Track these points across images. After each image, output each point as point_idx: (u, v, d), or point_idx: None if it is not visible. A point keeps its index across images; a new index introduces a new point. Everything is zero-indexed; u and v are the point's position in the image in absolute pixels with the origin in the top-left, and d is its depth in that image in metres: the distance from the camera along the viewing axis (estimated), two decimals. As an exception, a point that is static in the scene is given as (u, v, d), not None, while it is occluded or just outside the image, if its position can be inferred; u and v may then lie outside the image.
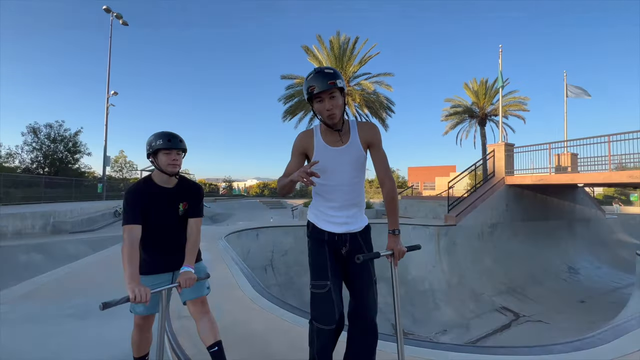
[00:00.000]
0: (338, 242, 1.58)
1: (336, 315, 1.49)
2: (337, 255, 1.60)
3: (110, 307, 1.24)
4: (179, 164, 1.74)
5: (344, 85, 1.46)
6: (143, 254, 1.74)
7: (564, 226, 11.90)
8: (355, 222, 1.59)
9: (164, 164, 1.70)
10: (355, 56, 17.32)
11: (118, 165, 29.11)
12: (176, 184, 1.80)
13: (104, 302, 1.23)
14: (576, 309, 7.84)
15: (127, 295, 1.38)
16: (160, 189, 1.75)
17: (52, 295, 3.55)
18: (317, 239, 1.61)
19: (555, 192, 11.82)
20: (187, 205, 1.80)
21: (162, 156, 1.70)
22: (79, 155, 21.15)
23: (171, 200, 1.77)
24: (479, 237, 9.83)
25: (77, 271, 4.63)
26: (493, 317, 7.45)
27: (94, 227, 12.35)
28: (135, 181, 1.84)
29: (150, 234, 1.70)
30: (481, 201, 10.29)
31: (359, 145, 1.55)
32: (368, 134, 1.56)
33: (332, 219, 1.58)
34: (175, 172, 1.74)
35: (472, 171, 11.96)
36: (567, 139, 11.30)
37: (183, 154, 1.79)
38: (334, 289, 1.51)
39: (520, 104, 22.23)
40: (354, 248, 1.60)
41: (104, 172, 19.32)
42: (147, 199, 1.69)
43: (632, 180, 8.75)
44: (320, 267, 1.56)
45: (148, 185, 1.75)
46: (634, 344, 2.28)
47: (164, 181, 1.76)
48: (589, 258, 11.39)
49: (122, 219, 1.64)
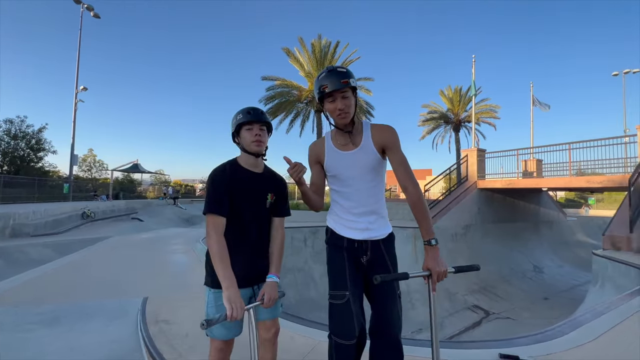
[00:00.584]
0: (358, 250, 1.45)
1: (356, 329, 1.36)
2: (357, 263, 1.46)
3: (213, 325, 1.11)
4: (264, 141, 1.47)
5: (356, 84, 1.40)
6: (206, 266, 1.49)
7: (530, 228, 12.65)
8: (377, 229, 1.46)
9: (247, 141, 1.45)
10: (337, 60, 17.55)
11: (86, 164, 27.64)
12: (264, 169, 1.54)
13: (206, 319, 1.10)
14: (540, 306, 8.36)
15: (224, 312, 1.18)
16: (249, 173, 1.48)
17: (17, 302, 3.34)
18: (336, 246, 1.49)
19: (523, 196, 12.56)
20: (275, 198, 1.52)
21: (244, 133, 1.46)
22: (42, 153, 19.88)
23: (260, 187, 1.49)
24: (453, 238, 10.25)
25: (43, 276, 4.37)
26: (465, 315, 7.78)
27: (59, 230, 11.64)
28: (219, 165, 1.50)
29: (232, 229, 1.41)
30: (455, 204, 10.74)
31: (372, 147, 1.43)
32: (382, 135, 1.44)
33: (352, 224, 1.46)
34: (260, 151, 1.47)
35: (447, 175, 12.47)
36: (533, 146, 12.05)
37: (268, 131, 1.52)
38: (353, 300, 1.38)
39: (492, 111, 23.43)
40: (376, 257, 1.46)
41: (71, 172, 18.29)
42: (234, 182, 1.42)
43: (589, 185, 9.48)
44: (338, 276, 1.43)
45: (235, 168, 1.47)
46: (588, 335, 2.49)
47: (250, 164, 1.49)
48: (553, 258, 12.16)
49: (205, 206, 1.37)
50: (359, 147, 1.44)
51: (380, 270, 1.43)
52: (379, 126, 1.47)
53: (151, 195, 29.53)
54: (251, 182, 1.48)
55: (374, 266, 1.44)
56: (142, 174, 29.25)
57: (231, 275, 1.29)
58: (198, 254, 5.85)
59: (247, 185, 1.46)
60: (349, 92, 1.38)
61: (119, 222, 15.47)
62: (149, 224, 15.72)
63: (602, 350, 2.26)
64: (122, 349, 2.38)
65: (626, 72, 19.75)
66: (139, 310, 3.01)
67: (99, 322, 2.84)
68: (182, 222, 18.98)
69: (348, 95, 1.38)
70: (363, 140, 1.44)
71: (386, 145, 1.43)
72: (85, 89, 17.96)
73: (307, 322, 2.70)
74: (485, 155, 12.18)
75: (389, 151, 1.44)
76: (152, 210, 19.86)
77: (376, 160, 1.44)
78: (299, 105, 18.48)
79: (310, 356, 2.14)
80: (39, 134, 19.30)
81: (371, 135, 1.45)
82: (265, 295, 1.34)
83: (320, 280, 8.09)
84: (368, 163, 1.43)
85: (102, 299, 3.47)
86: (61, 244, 9.18)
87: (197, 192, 36.79)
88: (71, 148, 17.57)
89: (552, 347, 2.29)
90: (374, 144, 1.43)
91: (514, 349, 2.23)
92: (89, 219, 13.82)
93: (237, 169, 1.48)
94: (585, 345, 2.33)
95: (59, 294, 3.65)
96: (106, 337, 2.57)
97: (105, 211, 15.73)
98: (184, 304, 3.21)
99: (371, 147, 1.43)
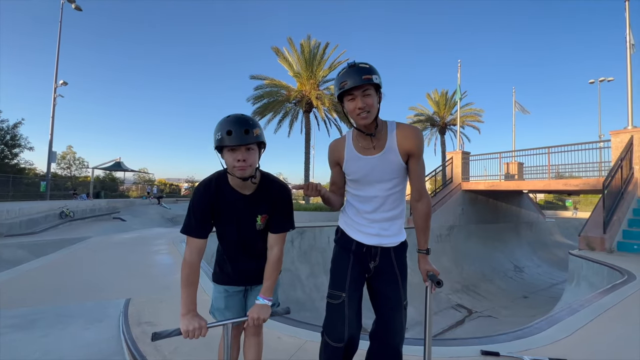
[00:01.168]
0: (366, 255, 1.39)
1: (345, 333, 1.33)
2: (363, 268, 1.41)
3: (161, 338, 1.08)
4: (249, 165, 1.22)
5: (380, 82, 1.25)
6: (214, 264, 1.55)
7: (511, 229, 13.06)
8: (390, 236, 1.39)
9: (229, 165, 1.23)
10: (325, 61, 17.61)
11: (65, 162, 26.59)
12: (255, 189, 1.35)
13: (154, 332, 1.08)
14: (520, 304, 8.64)
15: (178, 327, 1.17)
16: (235, 195, 1.33)
17: (-13, 305, 3.19)
18: (343, 247, 1.45)
19: (504, 198, 12.95)
20: (267, 219, 1.39)
21: (226, 154, 1.23)
22: (18, 149, 19.03)
23: (247, 212, 1.36)
24: (438, 239, 10.45)
25: (17, 278, 4.19)
26: (449, 314, 7.96)
27: (35, 230, 11.17)
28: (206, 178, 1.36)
29: (222, 245, 1.45)
30: (440, 205, 10.96)
31: (396, 153, 1.31)
32: (409, 141, 1.30)
33: (364, 228, 1.40)
34: (244, 175, 1.24)
35: (432, 177, 12.71)
36: (515, 150, 12.45)
37: (258, 148, 1.27)
38: (349, 304, 1.35)
39: (476, 115, 24.08)
40: (384, 265, 1.39)
41: (49, 169, 17.57)
42: (218, 200, 1.31)
43: (567, 187, 9.88)
44: (338, 276, 1.40)
45: (220, 187, 1.32)
46: (564, 331, 2.61)
47: (238, 185, 1.32)
48: (532, 257, 12.60)
49: (183, 225, 1.31)
50: (382, 151, 1.32)
51: (386, 279, 1.39)
52: (406, 129, 1.33)
53: (134, 195, 28.74)
54: (236, 205, 1.34)
55: (380, 274, 1.40)
56: (125, 172, 28.42)
57: (189, 302, 1.26)
58: (182, 254, 5.74)
59: (231, 208, 1.33)
60: (371, 90, 1.23)
61: (100, 222, 14.98)
62: (131, 223, 15.29)
63: (577, 345, 2.37)
64: (103, 352, 2.31)
65: (601, 80, 20.70)
66: (121, 312, 2.93)
67: (77, 324, 2.74)
68: (166, 222, 18.56)
69: (370, 93, 1.23)
70: (387, 144, 1.31)
71: (412, 152, 1.31)
72: (65, 84, 17.32)
73: (294, 322, 2.70)
74: (469, 157, 12.50)
75: (413, 158, 1.32)
76: (135, 209, 19.33)
77: (400, 166, 1.33)
78: (287, 105, 18.41)
79: (297, 355, 2.14)
80: (14, 129, 18.48)
81: (397, 139, 1.31)
82: (249, 317, 1.27)
83: (306, 280, 8.08)
84: (391, 169, 1.32)
85: (82, 301, 3.35)
86: (37, 244, 8.81)
87: (182, 191, 36.09)
88: (49, 144, 16.89)
89: (531, 343, 2.38)
90: (399, 149, 1.31)
91: (495, 346, 2.31)
92: (67, 219, 13.31)
93: (223, 187, 1.33)
94: (562, 340, 2.44)
95: (35, 296, 3.50)
96: (85, 340, 2.48)
97: (85, 210, 15.20)
98: (168, 305, 3.15)
99: (395, 153, 1.31)
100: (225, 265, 1.47)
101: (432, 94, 25.35)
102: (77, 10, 17.35)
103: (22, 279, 4.14)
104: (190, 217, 1.30)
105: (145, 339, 2.37)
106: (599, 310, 3.09)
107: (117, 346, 2.39)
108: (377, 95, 1.27)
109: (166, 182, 36.52)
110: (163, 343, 2.32)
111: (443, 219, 10.82)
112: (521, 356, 2.12)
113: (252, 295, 1.51)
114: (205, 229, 1.31)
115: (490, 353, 2.18)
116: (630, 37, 8.90)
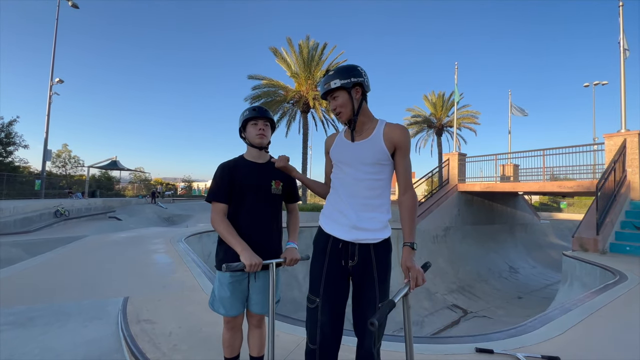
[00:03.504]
0: (342, 253, 1.37)
1: (317, 337, 1.32)
2: (340, 268, 1.37)
3: (230, 270, 1.39)
4: (266, 135, 1.69)
5: (346, 83, 1.36)
6: (217, 252, 1.70)
7: (506, 230, 13.18)
8: (369, 231, 1.35)
9: (252, 135, 1.66)
10: (324, 62, 17.64)
11: (61, 160, 26.31)
12: (268, 160, 1.73)
13: (225, 263, 1.38)
14: (515, 305, 8.72)
15: (241, 262, 1.42)
16: (252, 164, 1.69)
17: (-16, 303, 3.18)
18: (319, 248, 1.44)
19: (500, 199, 13.07)
20: (280, 185, 1.70)
21: (249, 128, 1.67)
22: (12, 147, 18.82)
23: (262, 176, 1.67)
24: (434, 239, 10.53)
25: (13, 276, 4.16)
26: (445, 314, 8.02)
27: (30, 229, 11.09)
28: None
29: (239, 214, 1.61)
30: (436, 206, 11.04)
31: (380, 141, 1.37)
32: (395, 133, 1.37)
33: (341, 218, 1.38)
34: (263, 143, 1.68)
35: (428, 178, 12.80)
36: (511, 152, 12.57)
37: (271, 128, 1.74)
38: (322, 309, 1.34)
39: (472, 117, 24.24)
40: (363, 265, 1.34)
41: (44, 168, 17.44)
42: (236, 172, 1.63)
43: (561, 189, 10.00)
44: (313, 280, 1.40)
45: (237, 162, 1.69)
46: (556, 330, 2.66)
47: (254, 157, 1.70)
48: (527, 259, 12.72)
49: (207, 194, 1.63)
50: (366, 139, 1.41)
51: (363, 280, 1.35)
52: (394, 125, 1.41)
53: (130, 194, 28.55)
54: (253, 172, 1.66)
55: (358, 274, 1.35)
56: (121, 171, 28.23)
57: (241, 242, 1.51)
58: (180, 254, 5.73)
59: (248, 175, 1.65)
60: (337, 93, 1.40)
61: (96, 220, 14.89)
62: (127, 223, 15.23)
63: (569, 343, 2.42)
64: (101, 349, 2.32)
65: (596, 84, 20.96)
66: (120, 310, 2.93)
67: (76, 322, 2.74)
68: (162, 222, 18.49)
69: (336, 96, 1.40)
70: (373, 134, 1.40)
71: (398, 145, 1.37)
72: (61, 82, 17.21)
73: (292, 320, 2.73)
74: (465, 159, 12.60)
75: (399, 151, 1.38)
76: (131, 209, 19.23)
77: (382, 153, 1.37)
78: (285, 106, 18.42)
79: (295, 352, 2.17)
80: (9, 127, 18.29)
81: (383, 131, 1.39)
82: (287, 257, 1.58)
83: (303, 280, 8.10)
84: (373, 152, 1.37)
85: (80, 299, 3.35)
86: (32, 243, 8.75)
87: (178, 191, 35.91)
88: (44, 142, 16.77)
89: (525, 341, 2.43)
90: (384, 138, 1.37)
91: (489, 344, 2.35)
92: (62, 218, 13.23)
93: (240, 161, 1.69)
94: (555, 338, 2.49)
95: (32, 294, 3.49)
96: (84, 337, 2.49)
97: (81, 209, 15.11)
98: (167, 304, 3.16)
99: (380, 140, 1.37)
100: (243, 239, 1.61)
101: (429, 96, 25.48)
102: (74, 8, 17.26)
103: (18, 277, 4.13)
104: (214, 187, 1.62)
105: (144, 337, 2.38)
106: (591, 310, 3.16)
107: (116, 343, 2.39)
108: (349, 94, 1.38)
109: (162, 182, 36.32)
110: (162, 340, 2.34)
111: (439, 220, 10.90)
112: (515, 353, 2.17)
113: (254, 287, 1.63)
114: (226, 196, 1.61)
115: (484, 350, 2.22)
116: (623, 41, 9.03)
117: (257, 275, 1.63)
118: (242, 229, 1.59)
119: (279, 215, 1.74)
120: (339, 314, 1.37)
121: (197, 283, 3.92)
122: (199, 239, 7.85)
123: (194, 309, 3.00)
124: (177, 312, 2.94)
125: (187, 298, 3.36)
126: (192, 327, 2.59)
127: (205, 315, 2.80)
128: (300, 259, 1.62)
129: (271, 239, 1.67)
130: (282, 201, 1.78)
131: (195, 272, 4.40)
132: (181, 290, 3.65)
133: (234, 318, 1.65)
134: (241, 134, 1.74)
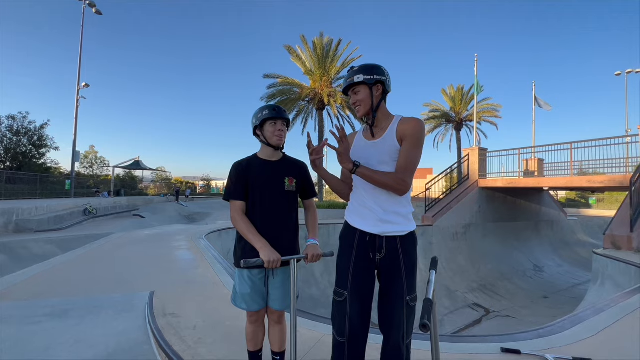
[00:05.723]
0: (370, 245, 1.39)
1: (346, 330, 1.35)
2: (368, 261, 1.40)
3: (249, 266, 1.46)
4: (284, 136, 1.68)
5: (369, 79, 1.40)
6: (235, 249, 1.73)
7: (530, 227, 12.69)
8: (395, 224, 1.38)
9: (270, 134, 1.65)
10: (338, 58, 17.55)
11: (88, 161, 27.68)
12: (281, 158, 1.74)
13: (244, 259, 1.46)
14: (540, 304, 8.41)
15: (260, 258, 1.46)
16: (265, 162, 1.69)
17: (25, 296, 3.39)
18: (346, 242, 1.46)
19: (523, 195, 12.58)
20: (294, 182, 1.71)
21: (268, 127, 1.65)
22: (45, 149, 19.93)
23: (275, 173, 1.68)
24: (454, 237, 10.29)
25: (48, 271, 4.42)
26: (466, 313, 7.83)
27: (61, 226, 11.70)
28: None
29: (254, 211, 1.64)
30: (456, 203, 10.77)
31: (393, 138, 1.40)
32: (404, 126, 1.39)
33: (367, 213, 1.41)
34: (280, 143, 1.68)
35: (448, 174, 12.49)
36: (535, 145, 12.05)
37: (287, 128, 1.73)
38: (350, 302, 1.36)
39: (493, 110, 23.42)
40: (390, 257, 1.37)
41: (73, 168, 18.33)
42: (250, 171, 1.65)
43: (590, 184, 9.51)
44: (341, 274, 1.43)
45: (250, 161, 1.70)
46: (588, 331, 2.54)
47: (268, 155, 1.71)
48: (553, 257, 12.21)
49: (224, 193, 1.68)
50: (381, 138, 1.44)
51: (391, 273, 1.36)
52: (407, 119, 1.43)
53: (152, 192, 29.59)
54: (266, 169, 1.68)
55: (386, 267, 1.38)
56: (143, 170, 29.31)
57: (261, 239, 1.54)
58: (202, 250, 5.89)
59: (262, 173, 1.66)
60: (358, 88, 1.44)
61: (121, 218, 15.53)
62: (150, 220, 15.78)
63: (602, 345, 2.31)
64: (131, 341, 2.42)
65: (629, 72, 19.73)
66: (147, 304, 3.05)
67: (107, 315, 2.88)
68: (183, 219, 19.04)
69: (358, 91, 1.44)
70: (387, 132, 1.43)
71: (404, 136, 1.37)
72: (87, 86, 17.98)
73: (312, 316, 2.75)
74: (486, 154, 12.20)
75: (404, 141, 1.37)
76: (154, 207, 19.92)
77: (396, 150, 1.39)
78: (300, 104, 18.47)
79: (316, 348, 2.18)
80: (41, 130, 19.37)
81: (397, 127, 1.41)
82: (309, 253, 1.57)
83: (321, 277, 8.14)
84: (389, 152, 1.39)
85: (110, 293, 3.51)
86: (64, 239, 9.24)
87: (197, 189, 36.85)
88: (73, 144, 17.61)
89: (554, 342, 2.33)
90: (397, 135, 1.39)
91: (516, 344, 2.28)
92: (90, 216, 13.88)
93: (254, 160, 1.71)
94: (586, 340, 2.38)
95: (67, 288, 3.69)
96: (115, 329, 2.61)
97: (107, 208, 15.79)
98: (191, 298, 3.26)
99: (393, 137, 1.40)
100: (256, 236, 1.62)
101: (448, 90, 24.81)
102: (98, 15, 17.96)
103: (53, 272, 4.37)
104: (230, 185, 1.66)
105: (170, 330, 2.47)
106: (627, 311, 2.99)
107: (145, 336, 2.49)
108: (370, 90, 1.42)
109: (182, 181, 37.38)
110: (187, 334, 2.42)
111: (459, 216, 10.63)
112: (544, 354, 2.09)
113: (273, 284, 1.66)
114: (242, 193, 1.64)
115: (511, 351, 2.16)
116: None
117: (275, 272, 1.65)
118: (257, 226, 1.60)
119: (294, 212, 1.74)
120: (367, 306, 1.39)
121: (218, 279, 4.02)
122: (218, 236, 8.04)
123: (217, 305, 3.08)
124: (200, 306, 3.02)
125: (209, 293, 3.46)
126: (216, 321, 2.66)
127: (228, 311, 2.87)
128: (324, 255, 1.60)
129: (286, 235, 1.67)
130: (298, 197, 1.77)
131: (217, 269, 4.51)
132: (204, 285, 3.76)
133: (257, 312, 1.69)
134: (255, 132, 1.72)
